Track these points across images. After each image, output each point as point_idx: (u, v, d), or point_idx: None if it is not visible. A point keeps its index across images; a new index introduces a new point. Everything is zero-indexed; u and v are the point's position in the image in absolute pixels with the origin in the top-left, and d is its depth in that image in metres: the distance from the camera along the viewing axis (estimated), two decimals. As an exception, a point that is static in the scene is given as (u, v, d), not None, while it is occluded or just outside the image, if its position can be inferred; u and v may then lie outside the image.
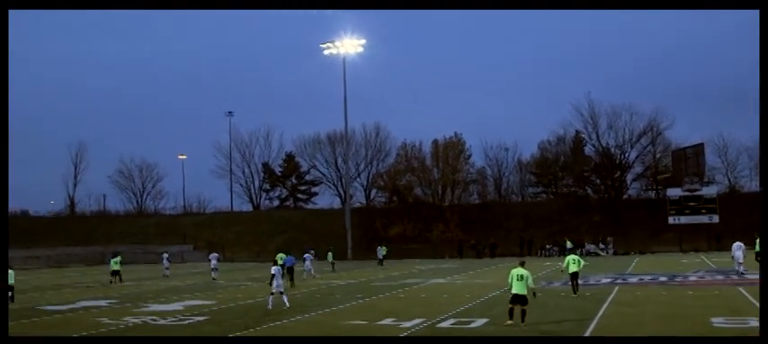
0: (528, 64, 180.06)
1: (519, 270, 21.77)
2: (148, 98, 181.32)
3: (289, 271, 40.85)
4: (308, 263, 47.21)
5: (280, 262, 36.75)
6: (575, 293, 29.88)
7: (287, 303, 28.11)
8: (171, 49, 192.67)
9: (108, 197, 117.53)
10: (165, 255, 59.11)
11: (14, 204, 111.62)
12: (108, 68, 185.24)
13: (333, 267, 57.25)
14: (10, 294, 35.32)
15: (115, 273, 48.19)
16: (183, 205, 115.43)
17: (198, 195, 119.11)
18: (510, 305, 21.61)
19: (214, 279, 48.20)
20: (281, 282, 28.70)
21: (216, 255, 53.33)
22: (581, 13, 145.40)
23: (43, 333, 23.26)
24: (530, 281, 21.62)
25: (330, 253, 59.91)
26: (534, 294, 22.13)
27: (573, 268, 30.20)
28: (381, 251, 65.40)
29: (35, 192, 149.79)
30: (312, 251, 50.52)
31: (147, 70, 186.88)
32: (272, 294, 28.14)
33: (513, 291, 21.58)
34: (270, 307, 27.80)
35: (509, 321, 21.36)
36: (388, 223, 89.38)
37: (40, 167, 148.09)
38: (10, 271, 35.78)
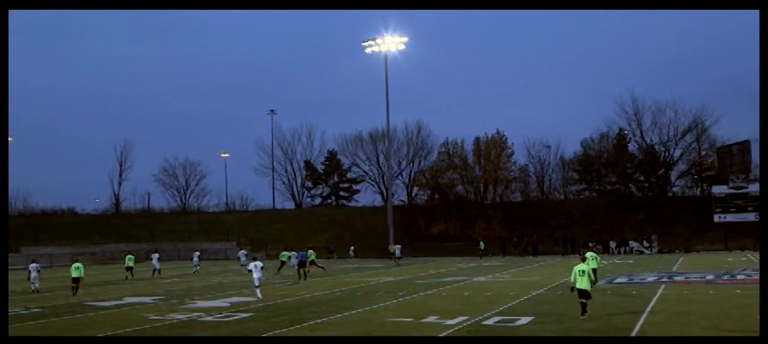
0: (570, 61, 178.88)
1: (581, 266, 22.51)
2: (192, 98, 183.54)
3: (301, 265, 45.45)
4: (293, 260, 49.30)
5: (283, 258, 48.04)
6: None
7: (260, 296, 31.50)
8: (214, 49, 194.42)
9: (152, 195, 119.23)
10: (196, 253, 60.93)
11: (61, 202, 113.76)
12: (152, 69, 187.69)
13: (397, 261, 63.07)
14: (75, 286, 37.63)
15: (129, 268, 51.90)
16: (226, 203, 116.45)
17: (241, 193, 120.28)
18: (580, 300, 22.34)
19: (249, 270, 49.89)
20: (259, 275, 32.18)
21: (244, 252, 57.14)
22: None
23: (92, 329, 23.56)
24: (592, 275, 22.57)
25: (399, 247, 67.57)
26: (594, 282, 22.94)
27: (592, 266, 31.02)
28: (397, 249, 68.08)
29: (81, 190, 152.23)
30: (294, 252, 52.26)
31: (190, 70, 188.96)
32: (256, 286, 31.89)
33: (578, 286, 22.30)
34: (260, 296, 31.49)
35: (582, 316, 22.06)
36: (431, 221, 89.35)
37: (87, 166, 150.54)
38: (79, 265, 38.47)
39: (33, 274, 41.29)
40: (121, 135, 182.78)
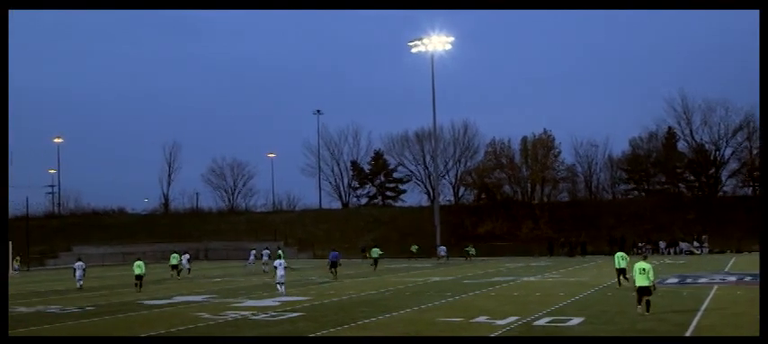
0: (619, 59, 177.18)
1: (641, 264, 23.04)
2: (239, 99, 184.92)
3: (334, 264, 47.34)
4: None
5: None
6: (620, 285, 33.28)
7: (282, 291, 33.82)
8: (260, 50, 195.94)
9: (201, 195, 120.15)
10: (253, 251, 61.78)
11: (112, 202, 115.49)
12: (199, 71, 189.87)
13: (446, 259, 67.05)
14: (139, 282, 40.12)
15: (174, 267, 53.77)
16: (273, 203, 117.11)
17: (288, 193, 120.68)
18: (640, 297, 23.02)
19: (265, 271, 52.59)
20: (282, 273, 34.52)
21: (268, 251, 58.51)
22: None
23: (146, 327, 23.87)
24: (651, 274, 22.76)
25: (444, 248, 72.34)
26: (654, 286, 23.16)
27: (621, 264, 33.70)
28: (442, 250, 72.21)
29: (131, 190, 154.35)
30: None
31: (236, 72, 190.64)
32: (280, 284, 34.22)
33: (637, 284, 22.93)
34: (281, 292, 33.84)
35: (639, 307, 22.89)
36: (477, 221, 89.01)
37: (136, 167, 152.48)
38: (140, 262, 41.08)
39: (78, 272, 42.86)
40: (170, 136, 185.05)
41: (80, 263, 43.70)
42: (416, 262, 66.73)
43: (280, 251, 53.36)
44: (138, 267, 40.84)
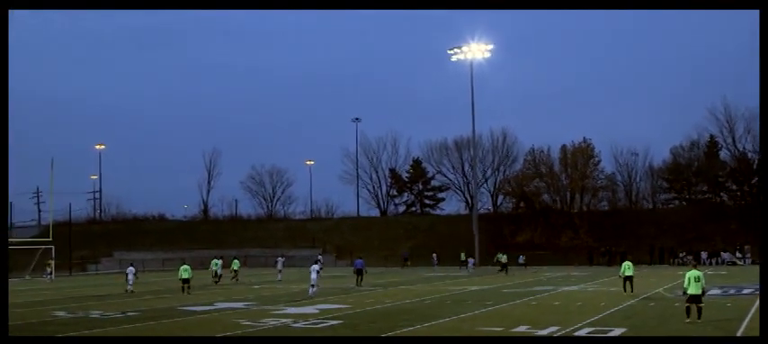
0: (659, 67, 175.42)
1: (694, 272, 23.60)
2: (278, 106, 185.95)
3: (359, 272, 48.60)
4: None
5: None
6: (629, 291, 35.32)
7: (310, 294, 37.12)
8: (298, 56, 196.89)
9: (240, 202, 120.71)
10: (281, 259, 61.46)
11: (152, 209, 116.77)
12: (239, 78, 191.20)
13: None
14: (186, 286, 41.66)
15: (235, 272, 55.40)
16: (311, 210, 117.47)
17: (326, 200, 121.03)
18: (686, 304, 23.56)
19: (279, 280, 54.06)
20: (315, 277, 37.74)
21: (282, 260, 59.88)
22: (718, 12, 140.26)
23: (187, 333, 24.05)
24: (704, 282, 23.64)
25: (523, 256, 72.45)
26: (704, 292, 23.85)
27: (628, 273, 35.92)
28: (521, 257, 71.90)
29: (171, 197, 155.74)
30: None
31: (275, 79, 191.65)
32: (312, 286, 37.50)
33: (690, 291, 23.38)
34: (310, 294, 37.15)
35: (687, 320, 23.14)
36: (516, 229, 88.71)
37: (177, 174, 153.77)
38: (187, 267, 42.82)
39: (130, 276, 44.92)
40: (210, 143, 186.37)
41: (132, 268, 46.12)
42: (456, 271, 66.43)
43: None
44: (185, 272, 42.34)
